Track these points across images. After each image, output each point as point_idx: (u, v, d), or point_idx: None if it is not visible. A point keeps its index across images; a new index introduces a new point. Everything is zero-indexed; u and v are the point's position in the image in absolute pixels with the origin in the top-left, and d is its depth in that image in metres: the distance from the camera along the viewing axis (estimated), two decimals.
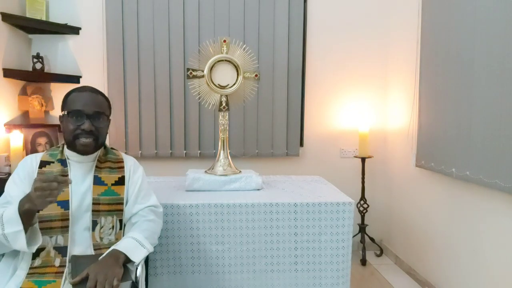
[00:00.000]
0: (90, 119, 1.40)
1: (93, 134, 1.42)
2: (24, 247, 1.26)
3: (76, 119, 1.40)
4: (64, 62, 2.88)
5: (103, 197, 1.46)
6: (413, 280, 2.68)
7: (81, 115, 1.40)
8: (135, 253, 1.36)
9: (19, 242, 1.26)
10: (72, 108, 1.41)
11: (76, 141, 1.41)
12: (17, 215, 1.24)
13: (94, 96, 1.45)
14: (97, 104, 1.44)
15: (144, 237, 1.43)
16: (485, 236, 1.99)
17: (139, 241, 1.40)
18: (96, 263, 1.27)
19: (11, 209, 1.27)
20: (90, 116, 1.41)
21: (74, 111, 1.40)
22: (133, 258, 1.34)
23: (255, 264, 1.85)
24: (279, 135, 3.03)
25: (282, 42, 2.96)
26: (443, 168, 2.22)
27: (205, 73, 2.04)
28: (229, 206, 1.82)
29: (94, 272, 1.22)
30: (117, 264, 1.28)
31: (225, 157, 2.14)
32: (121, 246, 1.35)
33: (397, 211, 3.01)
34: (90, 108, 1.41)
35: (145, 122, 2.91)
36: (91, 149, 1.45)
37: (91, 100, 1.43)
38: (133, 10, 2.84)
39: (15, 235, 1.25)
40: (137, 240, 1.40)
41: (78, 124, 1.40)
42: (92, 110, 1.41)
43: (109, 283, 1.19)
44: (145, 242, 1.41)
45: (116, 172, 1.52)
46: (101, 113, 1.44)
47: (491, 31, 1.84)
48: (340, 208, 1.85)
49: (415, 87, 2.63)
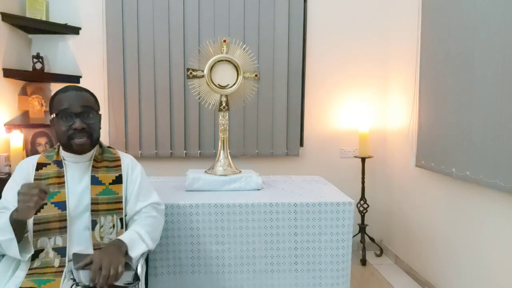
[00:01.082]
0: (79, 117, 1.40)
1: (86, 132, 1.41)
2: (17, 255, 1.31)
3: (66, 119, 1.40)
4: (64, 62, 2.88)
5: (102, 197, 1.46)
6: (413, 280, 2.68)
7: (69, 114, 1.39)
8: (134, 247, 1.40)
9: (12, 249, 1.30)
10: (59, 109, 1.40)
11: (71, 142, 1.40)
12: (8, 224, 1.27)
13: (79, 94, 1.44)
14: (83, 100, 1.43)
15: (146, 232, 1.46)
16: (485, 236, 1.99)
17: (141, 235, 1.44)
18: (99, 250, 1.32)
19: (4, 218, 1.30)
20: (79, 114, 1.40)
21: (62, 112, 1.39)
22: (131, 252, 1.38)
23: (255, 264, 1.85)
24: (279, 135, 3.03)
25: (282, 42, 2.96)
26: (443, 168, 2.22)
27: (205, 73, 2.04)
28: (229, 206, 1.82)
29: (98, 257, 1.26)
30: (120, 253, 1.33)
31: (225, 157, 2.14)
32: (123, 237, 1.40)
33: (397, 211, 3.01)
34: (77, 105, 1.40)
35: (145, 122, 2.91)
36: (87, 147, 1.45)
37: (76, 98, 1.42)
38: (133, 10, 2.84)
39: (8, 243, 1.29)
40: (139, 233, 1.44)
41: (69, 124, 1.39)
42: (79, 107, 1.40)
43: (114, 268, 1.23)
44: (146, 236, 1.45)
45: (113, 171, 1.52)
46: (89, 108, 1.43)
47: (491, 31, 1.84)
48: (340, 208, 1.85)
49: (415, 87, 2.63)
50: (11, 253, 1.31)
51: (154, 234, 1.52)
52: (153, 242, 1.49)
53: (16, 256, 1.32)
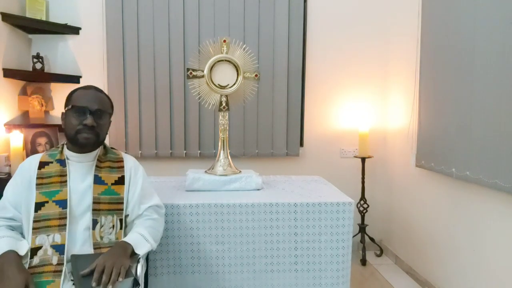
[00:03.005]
0: (93, 115, 1.44)
1: (95, 130, 1.44)
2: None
3: (79, 115, 1.43)
4: (64, 62, 2.88)
5: (103, 196, 1.47)
6: (413, 280, 2.68)
7: (84, 111, 1.43)
8: (139, 246, 1.43)
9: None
10: (77, 104, 1.44)
11: (78, 135, 1.43)
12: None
13: (99, 95, 1.50)
14: (101, 102, 1.48)
15: (148, 233, 1.49)
16: (485, 236, 1.99)
17: (144, 235, 1.47)
18: (105, 252, 1.34)
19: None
20: (93, 113, 1.44)
21: (78, 107, 1.44)
22: (137, 250, 1.41)
23: (255, 264, 1.85)
24: (279, 135, 3.03)
25: (282, 42, 2.96)
26: (443, 168, 2.22)
27: (205, 73, 2.04)
28: (229, 206, 1.82)
29: (103, 259, 1.29)
30: (125, 255, 1.35)
31: (225, 157, 2.14)
32: (128, 239, 1.43)
33: (397, 211, 3.00)
34: (94, 105, 1.45)
35: (145, 122, 2.91)
36: (92, 144, 1.47)
37: (95, 97, 1.47)
38: (133, 10, 2.84)
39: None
40: (142, 234, 1.47)
41: (81, 119, 1.43)
42: (95, 107, 1.45)
43: (116, 270, 1.26)
44: (149, 237, 1.48)
45: (116, 171, 1.53)
46: (103, 111, 1.49)
47: (491, 31, 1.84)
48: (340, 208, 1.85)
49: (415, 87, 2.63)
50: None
51: (156, 235, 1.55)
52: (155, 242, 1.52)
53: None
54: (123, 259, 1.32)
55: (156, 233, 1.55)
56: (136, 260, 1.42)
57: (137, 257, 1.42)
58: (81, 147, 1.46)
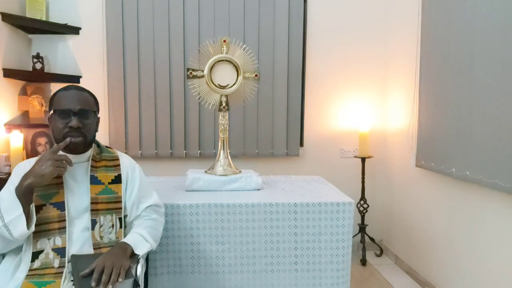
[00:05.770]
0: (77, 116, 1.41)
1: (81, 132, 1.42)
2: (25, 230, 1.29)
3: (63, 117, 1.41)
4: (64, 62, 2.88)
5: (101, 196, 1.47)
6: (413, 280, 2.68)
7: (68, 112, 1.41)
8: (139, 247, 1.43)
9: (19, 227, 1.29)
10: (58, 107, 1.42)
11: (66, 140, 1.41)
12: (15, 199, 1.29)
13: (80, 94, 1.45)
14: (83, 101, 1.45)
15: (148, 233, 1.49)
16: (485, 236, 1.99)
17: (143, 236, 1.47)
18: (105, 253, 1.34)
19: (6, 198, 1.32)
20: (77, 113, 1.41)
21: (61, 110, 1.41)
22: (137, 251, 1.41)
23: (255, 264, 1.85)
24: (279, 135, 3.03)
25: (282, 42, 2.96)
26: (443, 168, 2.22)
27: (205, 73, 2.04)
28: (229, 206, 1.82)
29: (102, 259, 1.28)
30: (125, 255, 1.35)
31: (225, 157, 2.14)
32: (127, 239, 1.43)
33: (397, 211, 3.01)
34: (76, 105, 1.42)
35: (145, 122, 2.90)
36: (81, 147, 1.46)
37: (77, 97, 1.43)
38: (133, 10, 2.84)
39: (16, 221, 1.29)
40: (142, 235, 1.47)
41: (66, 122, 1.40)
42: (78, 107, 1.42)
43: (116, 270, 1.25)
44: (148, 237, 1.48)
45: (112, 170, 1.53)
46: (87, 110, 1.45)
47: (491, 31, 1.84)
48: (340, 208, 1.85)
49: (415, 87, 2.63)
50: (18, 232, 1.29)
51: (156, 235, 1.55)
52: (155, 242, 1.52)
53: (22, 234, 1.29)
54: (122, 259, 1.31)
55: (156, 233, 1.55)
56: (136, 260, 1.42)
57: (137, 258, 1.42)
58: (71, 150, 1.45)
